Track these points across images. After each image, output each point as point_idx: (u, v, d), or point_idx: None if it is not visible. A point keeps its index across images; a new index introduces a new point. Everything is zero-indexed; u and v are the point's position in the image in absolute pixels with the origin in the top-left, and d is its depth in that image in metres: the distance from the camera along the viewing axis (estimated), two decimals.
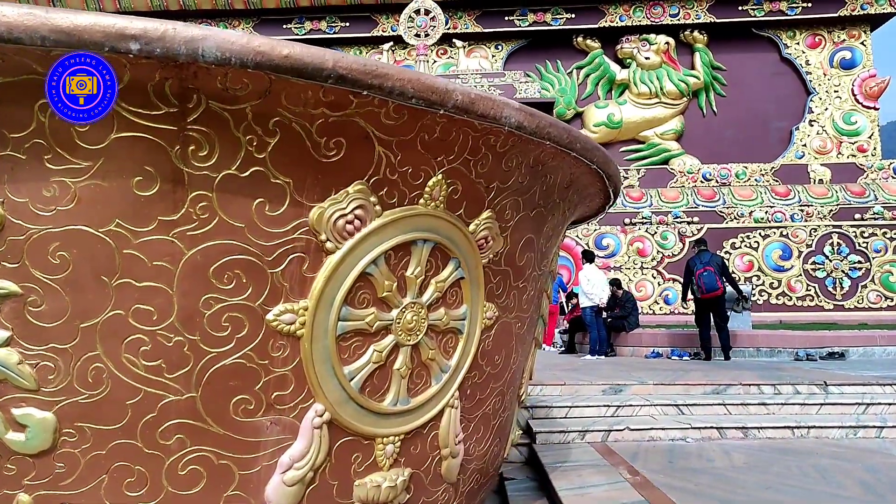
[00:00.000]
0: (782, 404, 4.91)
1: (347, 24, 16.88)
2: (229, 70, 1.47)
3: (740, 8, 15.95)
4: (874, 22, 16.02)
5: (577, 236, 14.26)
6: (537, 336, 3.02)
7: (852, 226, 13.55)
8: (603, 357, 9.01)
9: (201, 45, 1.40)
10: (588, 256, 9.63)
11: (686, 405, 4.93)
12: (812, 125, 15.87)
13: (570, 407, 4.90)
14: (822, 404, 4.91)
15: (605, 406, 4.92)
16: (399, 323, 1.97)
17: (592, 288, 9.04)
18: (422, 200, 1.94)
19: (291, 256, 1.73)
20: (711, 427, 4.54)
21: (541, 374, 6.41)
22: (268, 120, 1.61)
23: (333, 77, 1.54)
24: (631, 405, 4.94)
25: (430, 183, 1.93)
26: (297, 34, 16.91)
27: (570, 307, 11.49)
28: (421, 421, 2.11)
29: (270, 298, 1.72)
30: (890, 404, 4.88)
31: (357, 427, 1.92)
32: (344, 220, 1.78)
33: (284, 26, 16.93)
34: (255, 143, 1.62)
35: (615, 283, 10.15)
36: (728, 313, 8.58)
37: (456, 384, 2.22)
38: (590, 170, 2.44)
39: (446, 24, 15.58)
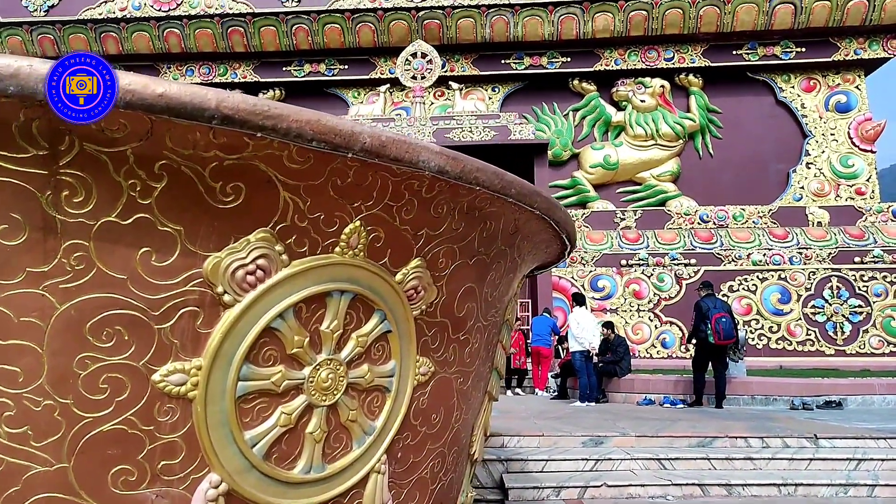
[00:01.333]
0: (769, 459, 4.66)
1: (346, 66, 17.08)
2: None
3: (734, 52, 16.07)
4: (868, 67, 16.09)
5: (573, 277, 14.09)
6: (490, 390, 2.85)
7: (851, 269, 13.34)
8: (593, 404, 8.74)
9: None
10: (578, 299, 9.44)
11: (668, 459, 4.69)
12: (809, 168, 15.81)
13: (547, 460, 4.67)
14: (811, 459, 4.67)
15: (583, 460, 4.69)
16: (312, 381, 1.81)
17: (582, 332, 8.82)
18: (338, 249, 1.80)
19: (182, 311, 1.59)
20: (693, 484, 4.31)
21: (523, 422, 6.18)
22: (152, 163, 1.49)
23: (218, 118, 1.42)
24: (611, 459, 4.71)
25: (346, 230, 1.79)
26: (297, 76, 17.13)
27: (564, 351, 11.25)
28: (340, 489, 1.93)
29: (157, 357, 1.57)
30: (883, 460, 4.63)
31: (261, 498, 1.74)
32: (244, 271, 1.64)
33: (284, 69, 17.14)
34: (138, 188, 1.49)
35: (608, 326, 9.94)
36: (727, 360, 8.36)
37: (383, 447, 2.04)
38: (535, 216, 2.31)
39: (443, 66, 15.78)
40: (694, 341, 8.43)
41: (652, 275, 13.95)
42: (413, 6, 15.87)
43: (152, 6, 16.10)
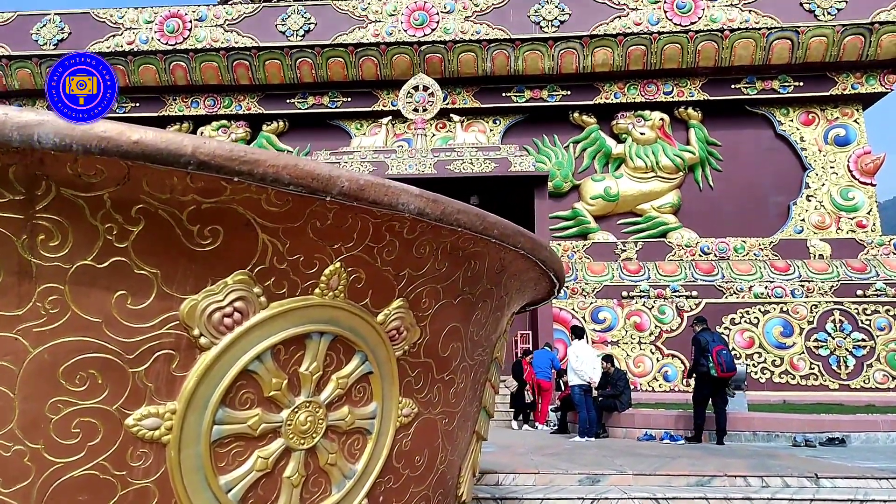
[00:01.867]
0: (768, 499, 4.57)
1: (349, 98, 17.30)
2: (78, 156, 1.37)
3: (733, 86, 16.23)
4: (866, 101, 16.22)
5: (574, 309, 14.03)
6: (478, 429, 2.81)
7: (854, 302, 13.25)
8: (593, 439, 8.61)
9: (37, 131, 1.30)
10: (577, 332, 9.38)
11: (666, 499, 4.60)
12: (810, 200, 15.83)
13: (543, 499, 4.58)
14: (811, 500, 4.56)
15: (578, 499, 4.60)
16: (290, 425, 1.79)
17: (581, 365, 8.74)
18: (317, 290, 1.80)
19: (157, 354, 1.58)
20: None
21: (520, 458, 6.09)
22: (129, 207, 1.50)
23: (194, 163, 1.43)
24: (607, 498, 4.61)
25: (326, 271, 1.79)
26: (300, 108, 17.35)
27: (564, 385, 11.12)
28: None
29: (131, 401, 1.56)
30: (886, 501, 4.53)
31: None
32: (221, 314, 1.64)
33: (288, 101, 17.37)
34: (115, 232, 1.50)
35: (607, 360, 9.85)
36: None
37: (364, 491, 2.01)
38: (521, 255, 2.31)
39: (445, 99, 15.95)
40: (694, 376, 8.34)
41: (653, 307, 13.88)
42: (415, 41, 16.15)
43: (159, 40, 16.41)
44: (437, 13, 16.28)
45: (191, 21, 16.54)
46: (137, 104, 17.31)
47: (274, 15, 16.58)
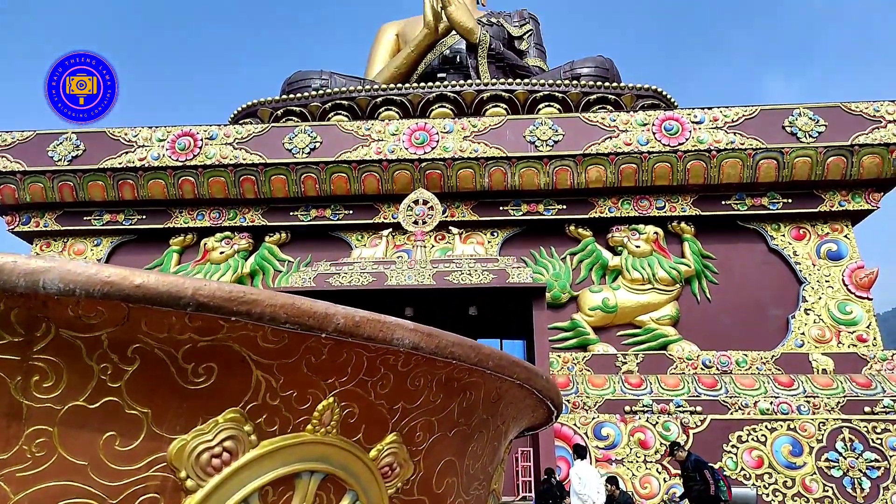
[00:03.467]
0: None
1: (351, 211, 17.77)
2: (80, 300, 1.41)
3: (724, 202, 16.73)
4: (854, 217, 16.64)
5: (576, 424, 13.65)
6: None
7: (863, 420, 12.92)
8: None
9: (43, 277, 1.35)
10: (579, 452, 9.08)
11: None
12: (808, 314, 15.84)
13: None
14: None
15: None
16: None
17: (584, 488, 8.38)
18: (309, 426, 1.77)
19: (142, 497, 1.53)
20: None
21: None
22: (126, 346, 1.51)
23: (193, 305, 1.46)
24: None
25: (319, 407, 1.77)
26: (303, 220, 17.76)
27: None
28: None
29: None
30: None
31: None
32: (209, 454, 1.60)
33: (291, 213, 17.82)
34: (109, 372, 1.50)
35: (612, 482, 9.45)
36: None
37: None
38: (517, 384, 2.29)
39: (444, 212, 16.41)
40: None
41: (657, 423, 13.51)
42: (416, 158, 16.84)
43: (170, 156, 17.10)
44: (437, 133, 17.10)
45: (202, 139, 17.33)
46: (144, 216, 17.76)
47: (282, 134, 17.41)
